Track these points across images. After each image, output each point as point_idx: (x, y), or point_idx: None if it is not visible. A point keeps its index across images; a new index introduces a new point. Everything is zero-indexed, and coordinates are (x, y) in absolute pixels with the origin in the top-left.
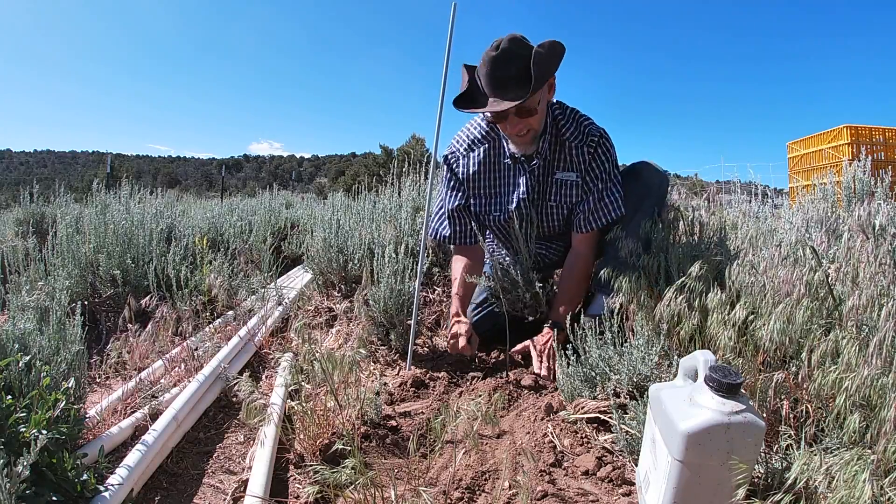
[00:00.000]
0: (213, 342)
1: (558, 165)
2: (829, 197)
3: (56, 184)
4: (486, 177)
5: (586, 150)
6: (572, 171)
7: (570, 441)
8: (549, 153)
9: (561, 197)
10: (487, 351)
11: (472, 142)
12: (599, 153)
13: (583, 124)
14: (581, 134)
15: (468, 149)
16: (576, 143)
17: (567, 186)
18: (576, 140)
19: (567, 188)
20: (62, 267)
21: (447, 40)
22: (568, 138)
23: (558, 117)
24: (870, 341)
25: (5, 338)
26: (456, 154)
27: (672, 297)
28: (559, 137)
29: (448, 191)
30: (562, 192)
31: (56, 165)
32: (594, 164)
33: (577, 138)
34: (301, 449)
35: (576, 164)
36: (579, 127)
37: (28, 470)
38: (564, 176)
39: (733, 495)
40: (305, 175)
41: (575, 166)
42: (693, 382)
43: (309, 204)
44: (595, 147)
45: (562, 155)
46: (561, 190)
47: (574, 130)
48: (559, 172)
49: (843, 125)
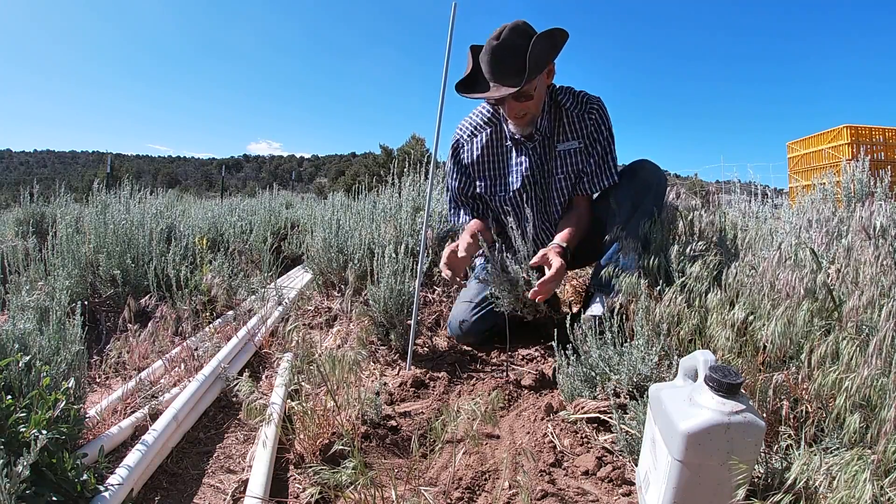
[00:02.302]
0: (213, 342)
1: (559, 138)
2: (829, 197)
3: (56, 184)
4: (490, 159)
5: (587, 117)
6: (574, 140)
7: (570, 441)
8: (549, 129)
9: (567, 166)
10: (487, 351)
11: (475, 127)
12: (599, 119)
13: (579, 94)
14: (579, 103)
15: (472, 134)
16: (576, 112)
17: (571, 155)
18: (575, 109)
19: (571, 156)
20: (62, 267)
21: (447, 40)
22: (567, 108)
23: (557, 94)
24: (870, 342)
25: (5, 338)
26: (460, 141)
27: (672, 298)
28: (558, 111)
29: (455, 181)
30: (567, 162)
31: (56, 165)
32: (594, 129)
33: (575, 107)
34: (301, 449)
35: (577, 131)
36: (576, 97)
37: (28, 470)
38: (566, 146)
39: (733, 495)
40: (305, 175)
41: (577, 133)
42: (693, 382)
43: (309, 204)
44: (596, 113)
45: (561, 126)
46: (566, 160)
47: (572, 100)
48: (560, 144)
49: (843, 125)
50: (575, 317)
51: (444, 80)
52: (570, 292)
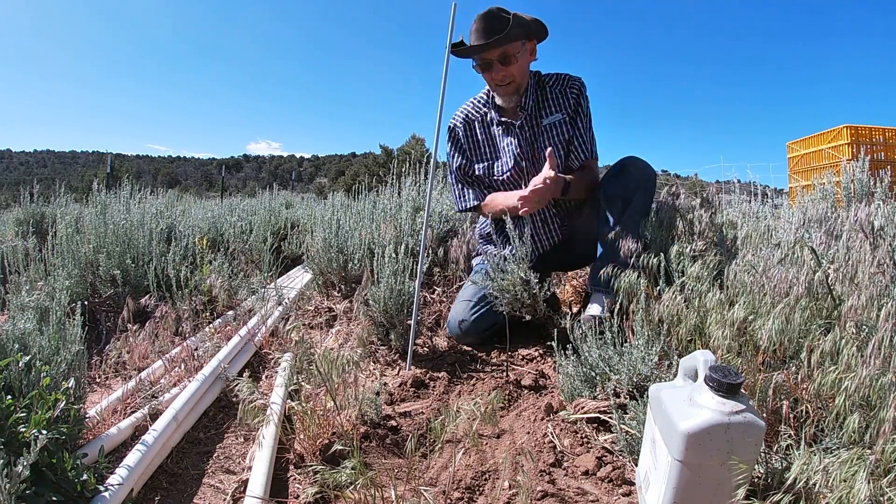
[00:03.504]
0: (213, 342)
1: (542, 113)
2: (829, 197)
3: (56, 184)
4: (482, 144)
5: (569, 91)
6: (557, 112)
7: (570, 441)
8: (533, 107)
9: (555, 137)
10: (487, 351)
11: (468, 114)
12: (582, 94)
13: (562, 74)
14: (561, 79)
15: (464, 121)
16: (558, 87)
17: (556, 126)
18: (557, 85)
19: (557, 128)
20: (62, 267)
21: (447, 41)
22: (550, 85)
23: (543, 78)
24: (869, 341)
25: (5, 338)
26: (456, 129)
27: (672, 298)
28: (541, 89)
29: (456, 161)
30: (553, 133)
31: (56, 165)
32: (575, 102)
33: (557, 83)
34: (301, 449)
35: (560, 104)
36: (559, 76)
37: (28, 470)
38: (551, 119)
39: (733, 495)
40: (305, 175)
41: (559, 106)
42: (693, 382)
43: (309, 204)
44: (578, 88)
45: (545, 102)
46: (552, 132)
47: (555, 78)
48: (546, 118)
49: (843, 125)
50: (575, 317)
51: (444, 80)
52: (569, 292)
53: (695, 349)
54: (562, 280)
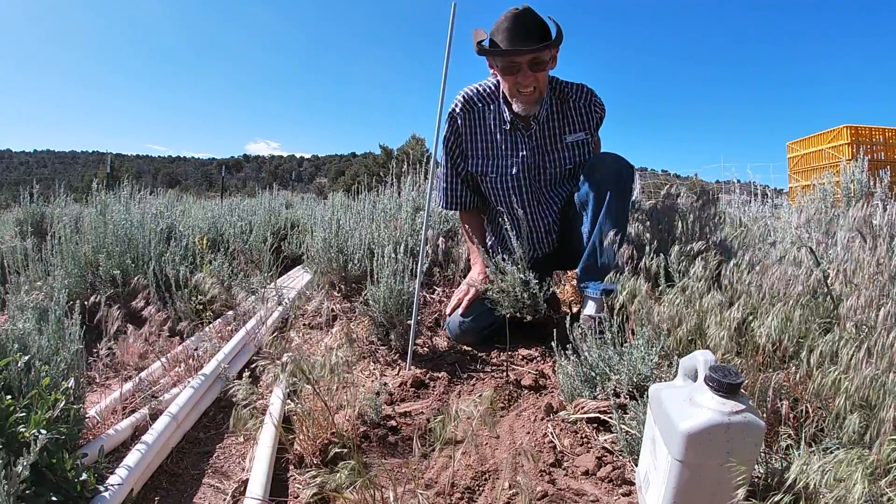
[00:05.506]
0: (212, 342)
1: (565, 129)
2: (829, 197)
3: (56, 184)
4: (483, 137)
5: (594, 109)
6: (581, 131)
7: (570, 441)
8: (553, 119)
9: (575, 157)
10: (487, 351)
11: (473, 98)
12: (601, 116)
13: (585, 88)
14: (585, 94)
15: (464, 108)
16: (583, 103)
17: (579, 147)
18: (581, 100)
19: (579, 147)
20: (61, 267)
21: (447, 41)
22: (574, 100)
23: (562, 86)
24: (868, 342)
25: (5, 338)
26: (454, 113)
27: (672, 298)
28: (563, 101)
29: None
30: (575, 153)
31: (56, 165)
32: (596, 126)
33: (581, 98)
34: (300, 449)
35: (585, 123)
36: (582, 90)
37: (28, 470)
38: (575, 137)
39: (733, 495)
40: (305, 175)
41: (584, 125)
42: (693, 382)
43: (309, 204)
44: (600, 109)
45: (567, 118)
46: (573, 151)
47: (578, 91)
48: (569, 136)
49: (842, 125)
50: (575, 317)
51: (444, 80)
52: (569, 292)
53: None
54: (561, 280)
